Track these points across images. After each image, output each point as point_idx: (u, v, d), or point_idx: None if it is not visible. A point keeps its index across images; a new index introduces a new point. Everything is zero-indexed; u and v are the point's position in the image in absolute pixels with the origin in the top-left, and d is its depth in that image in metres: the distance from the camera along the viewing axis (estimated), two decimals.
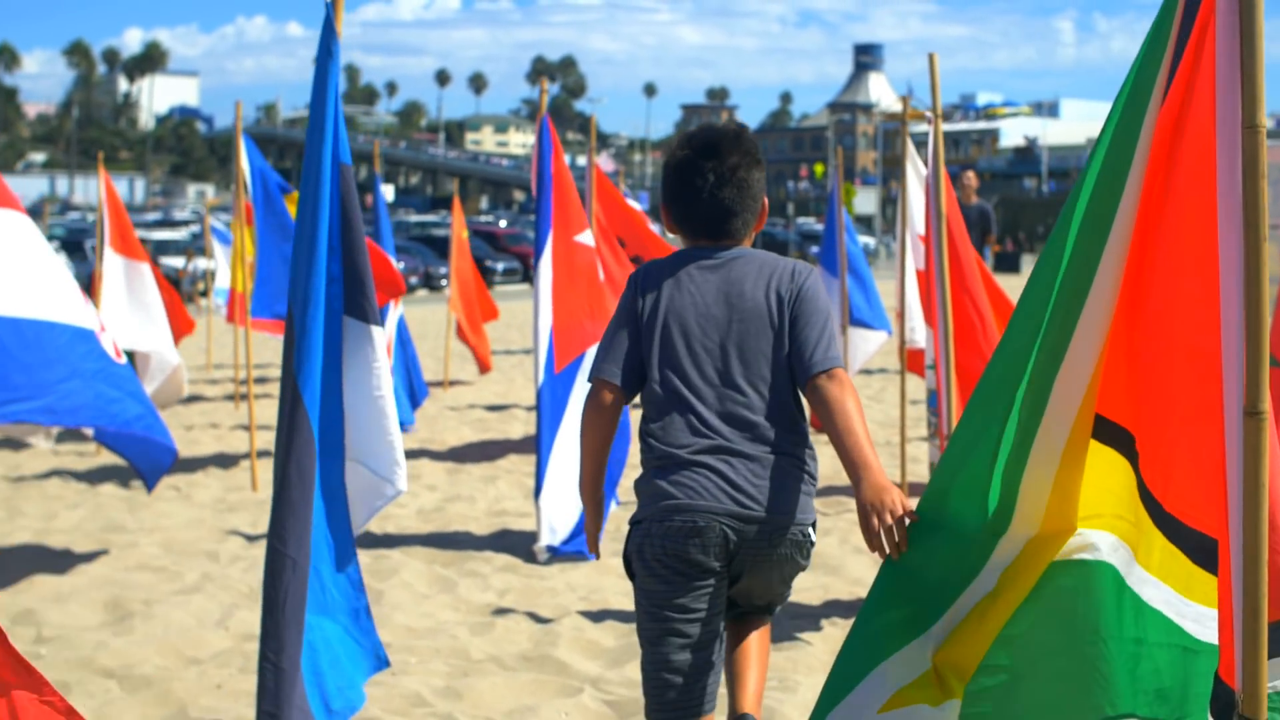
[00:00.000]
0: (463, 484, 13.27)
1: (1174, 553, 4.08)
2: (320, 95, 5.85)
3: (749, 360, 4.75)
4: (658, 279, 4.89)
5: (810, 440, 4.86)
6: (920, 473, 13.68)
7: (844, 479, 12.75)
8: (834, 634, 8.41)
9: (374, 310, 5.88)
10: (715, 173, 4.85)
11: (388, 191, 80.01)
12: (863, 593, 9.35)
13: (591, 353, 9.93)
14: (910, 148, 11.91)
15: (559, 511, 10.08)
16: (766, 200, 5.04)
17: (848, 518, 11.62)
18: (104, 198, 15.24)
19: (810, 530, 4.81)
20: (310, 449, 5.60)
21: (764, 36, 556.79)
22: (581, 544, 10.07)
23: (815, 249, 63.51)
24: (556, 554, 10.12)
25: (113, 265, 14.40)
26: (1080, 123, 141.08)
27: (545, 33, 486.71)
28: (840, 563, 10.04)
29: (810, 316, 4.77)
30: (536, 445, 10.15)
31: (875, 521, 4.21)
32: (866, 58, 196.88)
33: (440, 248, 51.80)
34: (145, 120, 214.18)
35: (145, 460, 9.93)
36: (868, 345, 16.93)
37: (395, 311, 16.76)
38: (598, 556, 5.30)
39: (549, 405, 10.08)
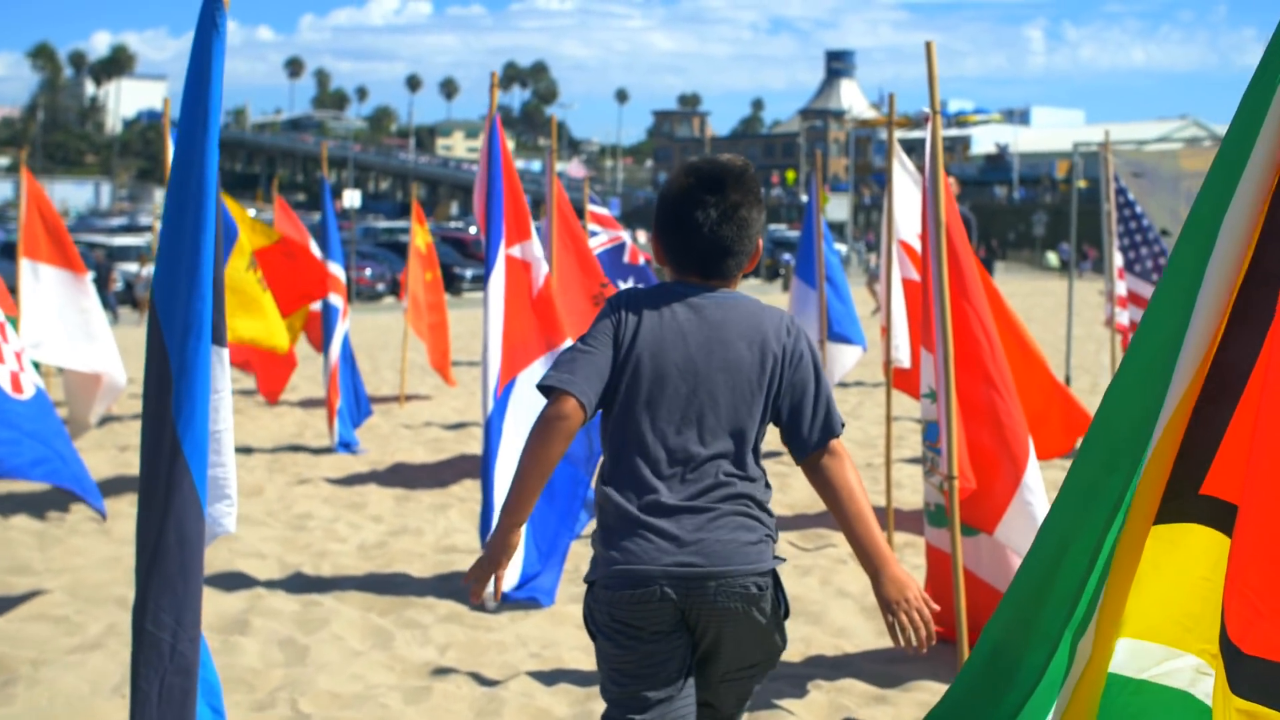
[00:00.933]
0: (411, 514, 12.25)
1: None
2: (202, 79, 4.86)
3: (721, 413, 4.50)
4: (643, 308, 4.58)
5: (767, 484, 4.61)
6: (906, 499, 12.72)
7: (819, 506, 12.08)
8: (819, 699, 7.44)
9: (223, 327, 4.86)
10: (718, 208, 4.58)
11: (354, 197, 78.77)
12: (849, 646, 8.44)
13: (529, 374, 9.20)
14: (898, 148, 10.94)
15: None
16: (761, 242, 4.74)
17: (830, 554, 10.67)
18: (25, 203, 13.60)
19: (766, 581, 4.49)
20: (195, 510, 4.64)
21: (736, 43, 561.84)
22: (535, 589, 9.09)
23: (787, 256, 63.00)
24: (506, 600, 9.07)
25: (38, 275, 13.04)
26: (1051, 130, 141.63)
27: (517, 38, 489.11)
28: (822, 609, 9.09)
29: (807, 385, 4.57)
30: (482, 481, 9.15)
31: (904, 619, 4.27)
32: (838, 64, 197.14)
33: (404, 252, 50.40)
34: (112, 124, 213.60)
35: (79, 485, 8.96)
36: (845, 360, 15.95)
37: (342, 326, 15.75)
38: (493, 605, 4.89)
39: (495, 435, 9.08)
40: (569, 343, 5.01)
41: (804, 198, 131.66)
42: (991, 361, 7.58)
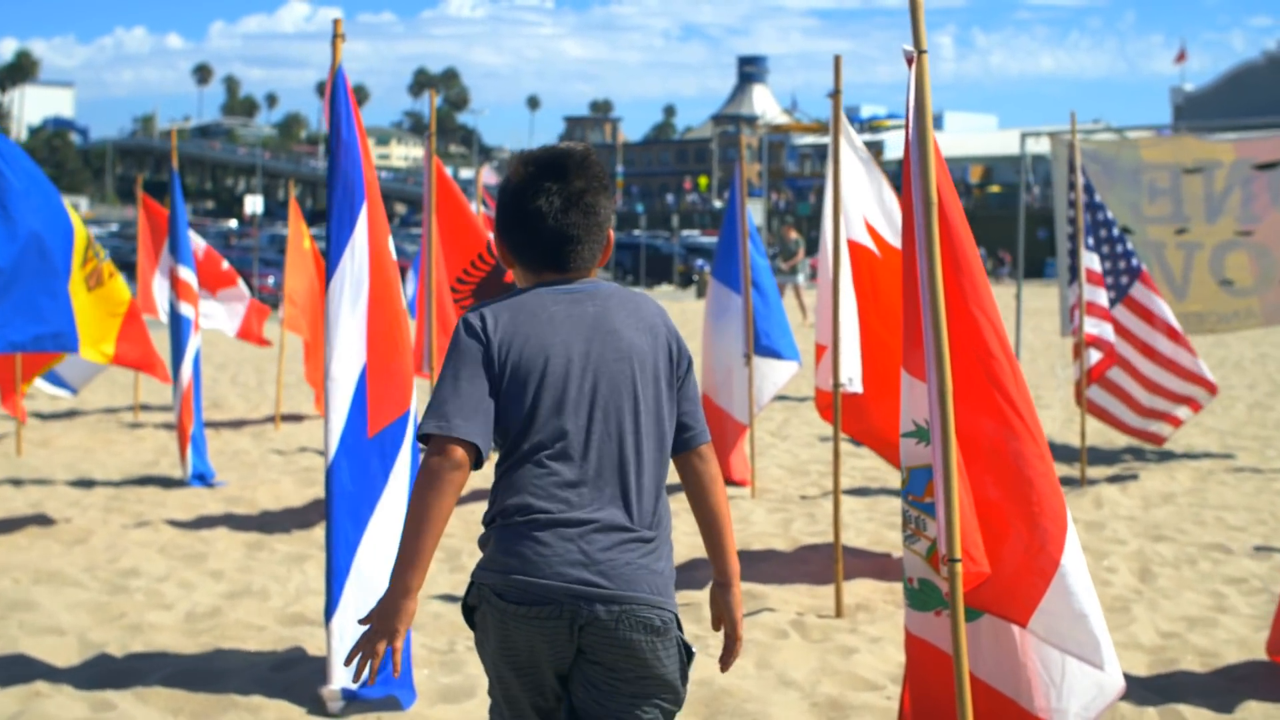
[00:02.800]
0: (260, 568, 10.18)
1: None
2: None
3: (632, 409, 4.27)
4: (511, 320, 4.27)
5: (670, 518, 4.37)
6: (850, 539, 10.80)
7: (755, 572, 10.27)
8: None
9: None
10: (561, 195, 4.36)
11: (256, 203, 76.60)
12: None
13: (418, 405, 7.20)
14: (845, 123, 9.09)
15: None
16: (612, 233, 4.50)
17: (765, 623, 8.71)
18: None
19: (669, 619, 4.26)
20: None
21: (647, 50, 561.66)
22: (392, 684, 7.07)
23: (702, 262, 61.37)
24: (355, 699, 7.05)
25: None
26: (964, 135, 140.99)
27: (428, 45, 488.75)
28: (761, 708, 7.13)
29: (693, 382, 4.47)
30: (327, 544, 7.10)
31: (736, 654, 4.44)
32: (751, 68, 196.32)
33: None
34: (17, 131, 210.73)
35: None
36: (776, 376, 13.89)
37: (194, 341, 13.65)
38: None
39: (352, 483, 7.07)
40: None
41: (717, 203, 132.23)
42: (1011, 387, 5.60)
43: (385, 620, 4.10)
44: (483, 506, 4.35)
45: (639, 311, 4.39)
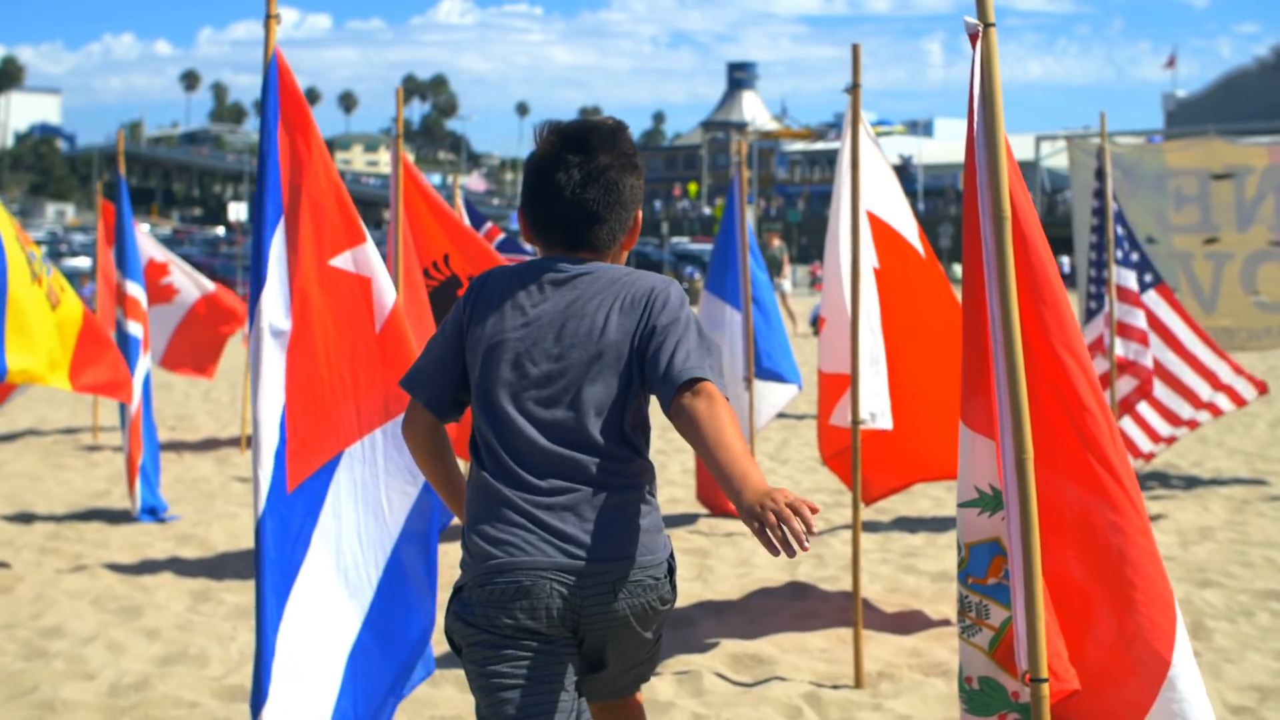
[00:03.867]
0: (203, 624, 9.00)
1: None
2: None
3: (583, 391, 4.13)
4: (494, 290, 4.27)
5: (652, 469, 4.26)
6: (874, 594, 9.69)
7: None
8: None
9: None
10: (582, 169, 4.22)
11: (239, 210, 75.69)
12: None
13: (365, 448, 6.16)
14: (864, 120, 8.11)
15: None
16: (641, 214, 4.37)
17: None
18: None
19: (664, 570, 4.20)
20: None
21: (636, 57, 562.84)
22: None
23: (692, 270, 60.64)
24: None
25: None
26: (954, 141, 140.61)
27: (417, 52, 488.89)
28: None
29: (669, 328, 4.12)
30: (257, 618, 5.94)
31: (772, 517, 3.56)
32: (741, 74, 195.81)
33: None
34: (3, 138, 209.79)
35: None
36: (775, 399, 12.78)
37: (144, 362, 12.51)
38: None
39: (275, 548, 5.91)
40: None
41: (706, 210, 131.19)
42: (1108, 446, 4.41)
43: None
44: None
45: (619, 288, 4.21)
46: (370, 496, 6.08)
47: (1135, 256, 13.15)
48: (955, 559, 4.76)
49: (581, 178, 4.22)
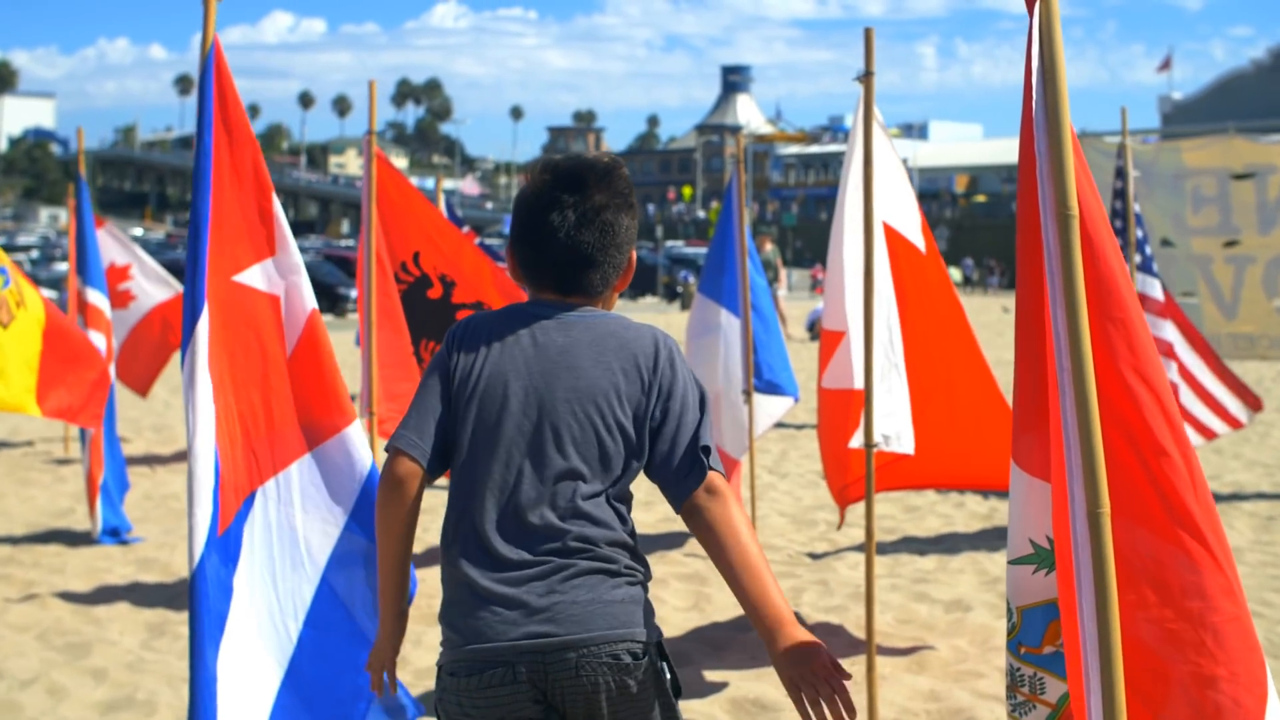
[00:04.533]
0: (154, 663, 8.23)
1: None
2: None
3: (571, 451, 3.87)
4: (481, 337, 4.00)
5: (635, 538, 3.94)
6: (881, 616, 8.96)
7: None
8: None
9: None
10: (576, 210, 3.97)
11: None
12: None
13: (271, 489, 5.52)
14: (871, 102, 7.50)
15: None
16: (635, 255, 4.11)
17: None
18: None
19: (639, 651, 3.80)
20: None
21: (630, 60, 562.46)
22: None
23: (687, 273, 60.08)
24: None
25: None
26: (949, 144, 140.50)
27: (411, 56, 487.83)
28: None
29: (683, 413, 3.92)
30: (191, 675, 5.19)
31: (813, 693, 3.57)
32: (735, 77, 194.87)
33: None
34: None
35: None
36: (772, 409, 12.03)
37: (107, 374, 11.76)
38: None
39: (209, 595, 5.19)
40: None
41: (701, 213, 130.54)
42: (1188, 495, 3.66)
43: (373, 654, 4.14)
44: None
45: (616, 342, 3.98)
46: (286, 539, 5.42)
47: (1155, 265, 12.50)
48: (967, 586, 4.09)
49: (576, 219, 3.98)
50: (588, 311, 4.01)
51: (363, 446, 5.54)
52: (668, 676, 3.88)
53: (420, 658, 8.20)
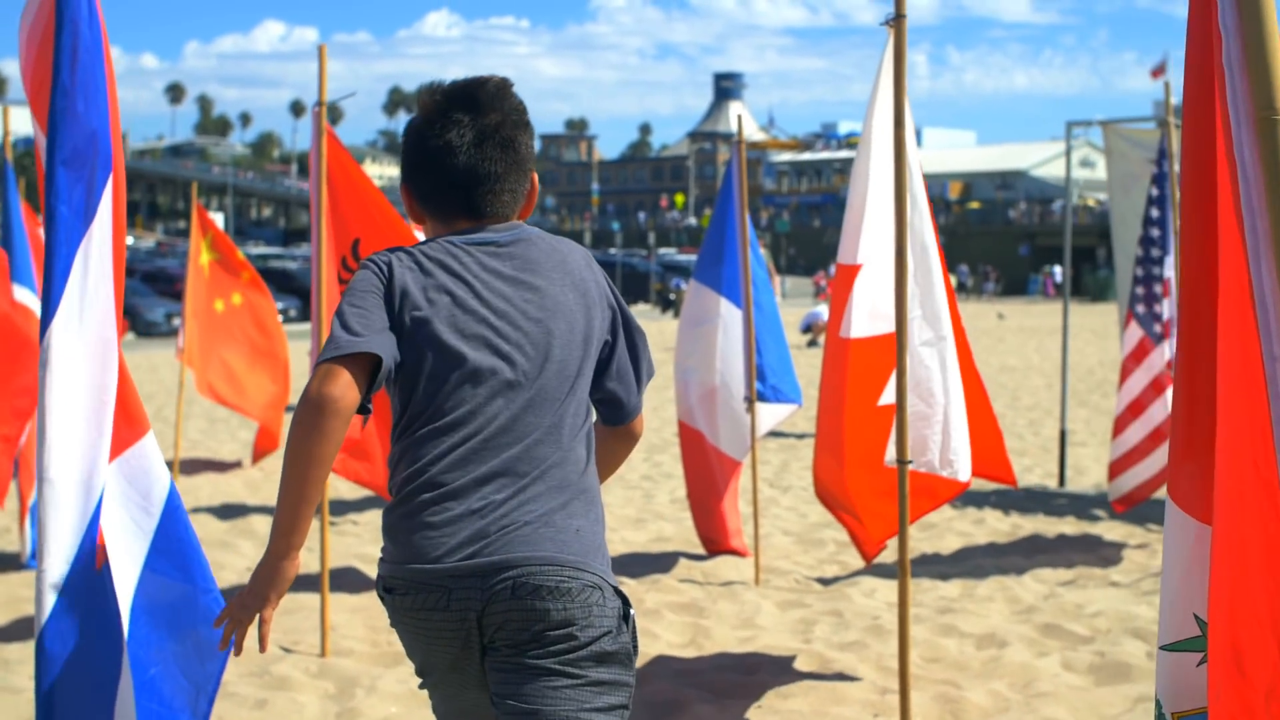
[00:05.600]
0: None
1: None
2: None
3: (554, 365, 3.76)
4: (413, 262, 3.74)
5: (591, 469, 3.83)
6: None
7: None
8: None
9: None
10: (474, 127, 3.83)
11: (215, 220, 73.90)
12: None
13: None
14: (903, 51, 6.45)
15: None
16: (536, 176, 3.97)
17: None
18: None
19: (592, 580, 3.64)
20: None
21: (622, 69, 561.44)
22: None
23: (678, 280, 59.36)
24: None
25: None
26: (942, 150, 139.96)
27: (404, 65, 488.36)
28: None
29: (639, 347, 3.98)
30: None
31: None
32: (728, 83, 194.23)
33: (278, 281, 48.85)
34: None
35: None
36: (772, 416, 10.84)
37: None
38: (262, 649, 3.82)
39: (63, 661, 4.08)
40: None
41: (693, 220, 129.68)
42: None
43: (258, 584, 3.64)
44: None
45: (565, 263, 3.87)
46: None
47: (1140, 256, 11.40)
48: (999, 617, 3.30)
49: (475, 136, 3.84)
50: (522, 230, 3.86)
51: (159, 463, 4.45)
52: (623, 611, 3.71)
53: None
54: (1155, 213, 11.36)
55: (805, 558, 10.93)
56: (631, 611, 3.73)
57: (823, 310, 39.77)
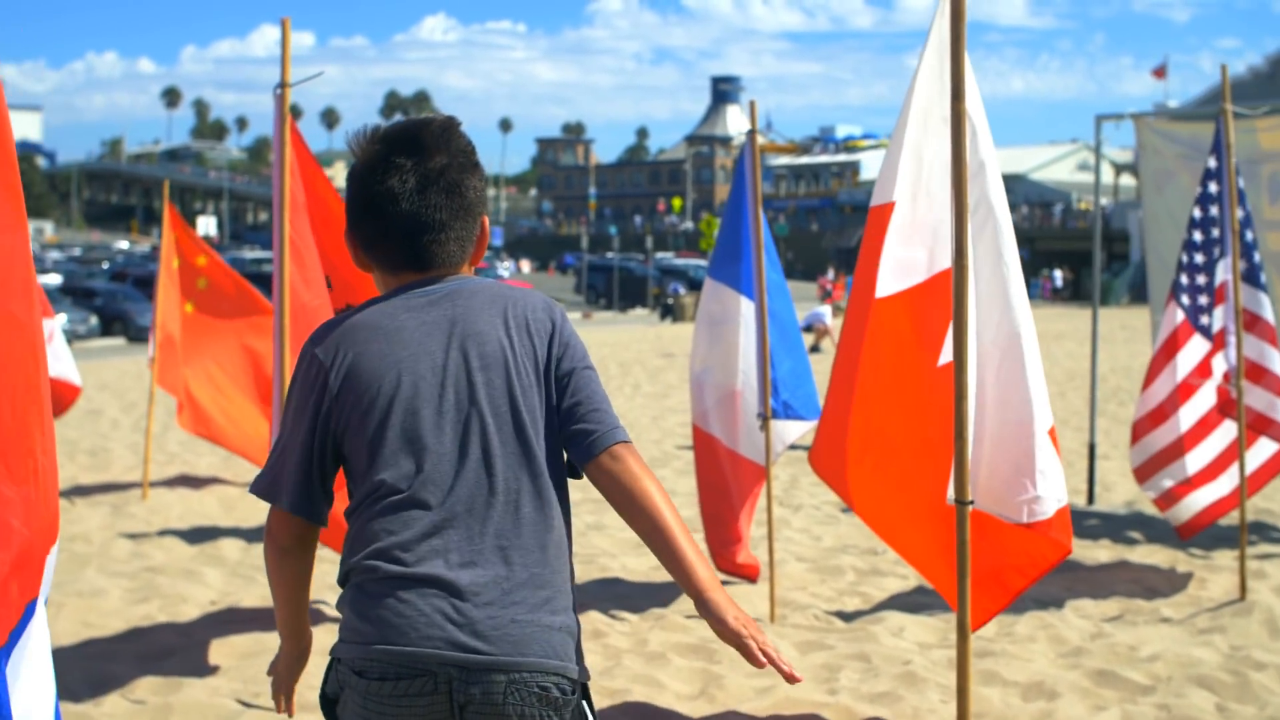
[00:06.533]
0: None
1: None
2: None
3: (510, 426, 3.50)
4: (348, 338, 3.56)
5: (570, 546, 3.58)
6: (937, 700, 6.88)
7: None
8: None
9: None
10: (416, 173, 3.59)
11: (208, 224, 73.93)
12: None
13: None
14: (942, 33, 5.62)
15: None
16: (487, 221, 3.75)
17: None
18: None
19: (569, 686, 3.45)
20: None
21: (619, 73, 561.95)
22: None
23: (675, 285, 58.51)
24: None
25: None
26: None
27: (400, 69, 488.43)
28: None
29: (586, 375, 3.63)
30: None
31: (754, 647, 3.25)
32: (726, 86, 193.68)
33: (269, 285, 46.63)
34: None
35: None
36: (789, 433, 9.89)
37: None
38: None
39: None
40: None
41: (689, 224, 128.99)
42: None
43: (281, 677, 3.92)
44: None
45: (514, 308, 3.62)
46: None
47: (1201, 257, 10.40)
48: (1044, 660, 3.91)
49: (418, 182, 3.60)
50: (457, 279, 3.64)
51: None
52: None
53: None
54: (1200, 212, 10.34)
55: (823, 588, 9.99)
56: None
57: (825, 311, 38.92)
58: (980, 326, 6.16)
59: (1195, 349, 10.24)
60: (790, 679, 3.30)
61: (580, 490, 14.17)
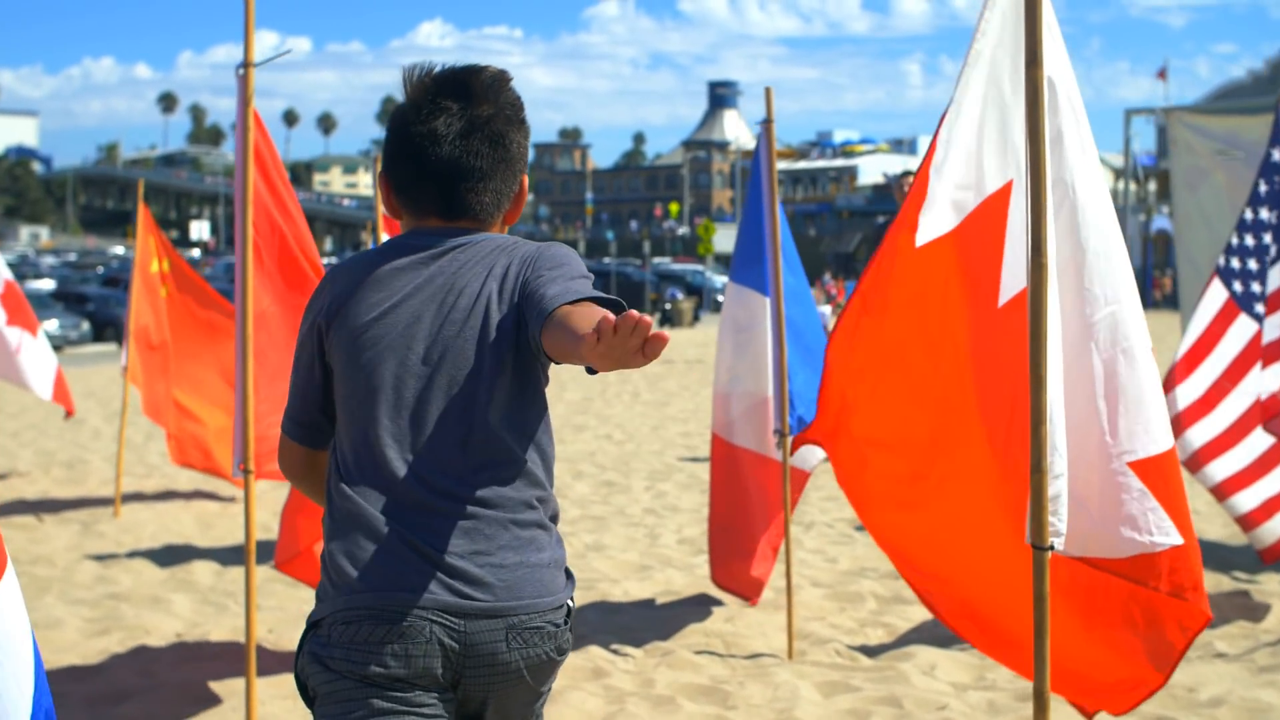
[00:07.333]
0: None
1: None
2: None
3: (467, 379, 3.39)
4: (352, 280, 3.49)
5: (550, 485, 3.51)
6: None
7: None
8: None
9: None
10: (463, 117, 3.48)
11: (202, 228, 73.35)
12: None
13: None
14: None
15: None
16: (527, 180, 3.66)
17: None
18: None
19: (563, 616, 3.46)
20: None
21: (616, 79, 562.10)
22: None
23: (673, 290, 58.11)
24: None
25: None
26: None
27: (396, 75, 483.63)
28: None
29: (550, 270, 3.36)
30: None
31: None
32: (723, 90, 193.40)
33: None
34: None
35: None
36: (817, 454, 9.10)
37: None
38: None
39: None
40: None
41: (683, 230, 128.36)
42: None
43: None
44: None
45: (500, 254, 3.44)
46: None
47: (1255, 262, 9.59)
48: None
49: (463, 126, 3.48)
50: (473, 234, 3.48)
51: None
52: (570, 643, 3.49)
53: None
54: (1251, 215, 9.55)
55: (843, 618, 9.19)
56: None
57: (826, 311, 38.27)
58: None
59: (1241, 332, 9.52)
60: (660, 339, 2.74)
61: (579, 508, 13.51)
